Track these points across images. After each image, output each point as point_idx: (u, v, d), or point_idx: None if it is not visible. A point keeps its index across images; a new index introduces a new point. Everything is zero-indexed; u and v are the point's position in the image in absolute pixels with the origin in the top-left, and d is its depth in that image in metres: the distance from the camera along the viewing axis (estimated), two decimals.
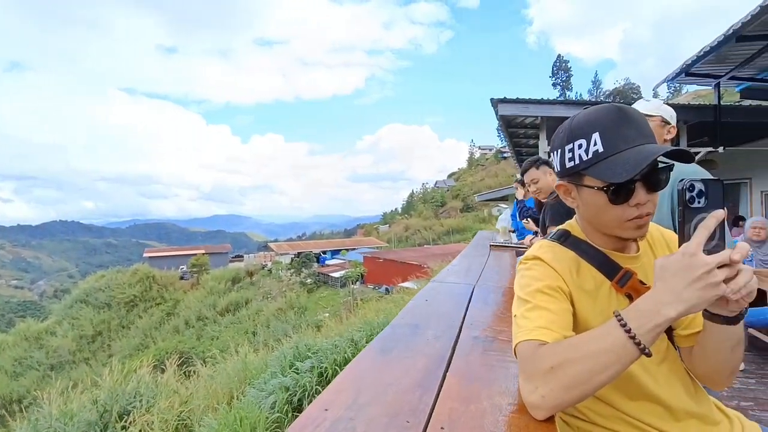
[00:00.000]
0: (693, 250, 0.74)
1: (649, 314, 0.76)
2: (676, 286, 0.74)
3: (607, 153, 0.89)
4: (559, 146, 0.98)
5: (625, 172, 0.85)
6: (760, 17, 5.34)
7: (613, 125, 0.90)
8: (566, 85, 79.40)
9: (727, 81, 7.91)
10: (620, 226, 0.94)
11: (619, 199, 0.91)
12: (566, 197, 1.03)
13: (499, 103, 7.21)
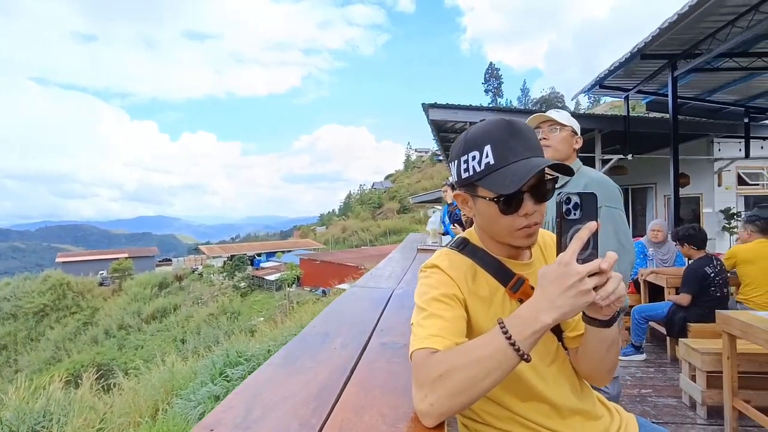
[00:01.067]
0: (567, 259, 0.78)
1: (527, 321, 0.80)
2: (551, 294, 0.79)
3: (498, 165, 0.92)
4: (456, 157, 1.01)
5: (513, 184, 0.89)
6: (659, 38, 5.87)
7: (504, 138, 0.94)
8: (497, 92, 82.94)
9: (635, 94, 8.61)
10: (511, 235, 0.99)
11: (509, 210, 0.95)
12: (464, 206, 1.05)
13: (430, 108, 7.37)
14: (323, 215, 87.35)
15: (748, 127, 9.32)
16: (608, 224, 1.80)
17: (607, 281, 0.81)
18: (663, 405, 3.40)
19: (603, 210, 1.80)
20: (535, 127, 2.03)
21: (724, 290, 3.72)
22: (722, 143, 9.80)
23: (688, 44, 6.13)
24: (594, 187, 1.85)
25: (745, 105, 9.24)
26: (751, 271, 3.84)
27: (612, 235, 1.80)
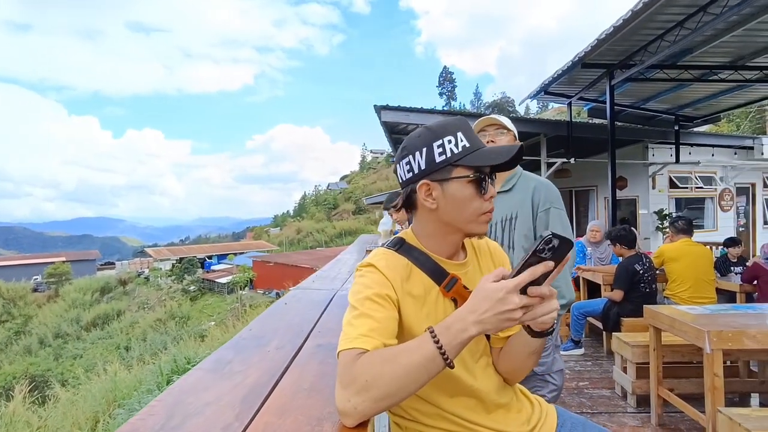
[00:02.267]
0: (510, 288, 0.82)
1: (457, 332, 0.83)
2: (482, 311, 0.82)
3: (473, 148, 1.00)
4: (425, 145, 1.02)
5: (495, 158, 0.98)
6: (598, 48, 6.20)
7: (468, 129, 1.03)
8: (451, 95, 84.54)
9: (577, 101, 9.05)
10: (477, 220, 1.03)
11: (482, 189, 1.01)
12: (426, 198, 1.04)
13: (382, 110, 7.43)
14: (277, 216, 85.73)
15: (678, 134, 10.01)
16: (557, 225, 1.92)
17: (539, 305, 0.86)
18: (598, 396, 3.59)
19: (552, 211, 1.92)
20: (480, 130, 2.09)
21: (653, 286, 3.98)
22: (656, 149, 10.46)
23: (623, 55, 6.51)
24: (542, 189, 1.95)
25: (675, 113, 9.92)
26: (676, 268, 4.12)
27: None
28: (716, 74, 7.14)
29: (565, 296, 1.88)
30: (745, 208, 12.29)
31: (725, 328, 2.52)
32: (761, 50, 6.41)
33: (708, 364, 2.52)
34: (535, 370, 1.95)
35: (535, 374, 1.96)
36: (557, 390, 1.95)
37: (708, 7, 4.88)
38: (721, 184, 11.42)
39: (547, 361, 1.92)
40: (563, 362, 1.99)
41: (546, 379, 1.93)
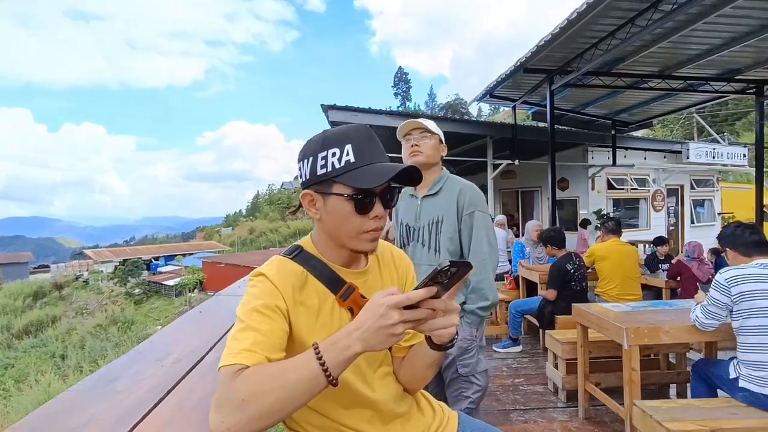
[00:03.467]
0: (390, 303, 0.79)
1: (342, 348, 0.80)
2: (366, 327, 0.80)
3: (358, 164, 0.95)
4: (312, 154, 0.99)
5: (376, 179, 0.93)
6: (537, 54, 6.42)
7: (365, 141, 0.98)
8: (406, 96, 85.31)
9: (522, 104, 9.33)
10: (357, 237, 1.00)
11: (362, 209, 0.97)
12: (310, 208, 1.03)
13: (329, 110, 7.36)
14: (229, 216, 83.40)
15: (614, 138, 10.55)
16: (482, 227, 1.97)
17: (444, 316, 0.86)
18: (532, 392, 3.70)
19: (476, 214, 1.96)
20: (406, 133, 2.09)
21: (583, 284, 4.15)
22: (595, 152, 10.99)
23: (562, 62, 6.77)
24: (467, 193, 1.98)
25: (612, 118, 10.45)
26: (605, 267, 4.32)
27: (484, 237, 1.96)
28: (646, 82, 7.57)
29: (489, 298, 1.91)
30: (675, 209, 13.14)
31: (642, 325, 2.65)
32: (684, 62, 6.85)
33: (626, 359, 2.65)
34: (460, 372, 1.97)
35: (460, 376, 1.98)
36: (481, 390, 1.98)
37: (635, 20, 5.16)
38: (654, 186, 12.15)
39: (472, 362, 1.95)
40: (486, 363, 2.02)
41: (470, 380, 1.96)
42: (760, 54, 6.64)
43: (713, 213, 13.84)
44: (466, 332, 1.95)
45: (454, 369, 1.98)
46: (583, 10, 5.02)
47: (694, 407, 2.32)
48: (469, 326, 1.95)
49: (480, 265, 1.92)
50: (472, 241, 1.94)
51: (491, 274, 1.96)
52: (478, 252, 1.93)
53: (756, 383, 2.23)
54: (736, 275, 2.35)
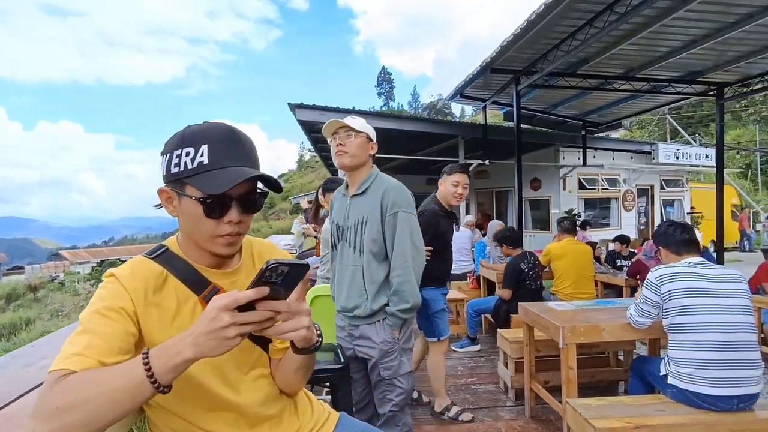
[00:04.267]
0: (220, 305, 0.77)
1: (172, 354, 0.77)
2: (199, 332, 0.77)
3: (211, 166, 0.92)
4: (169, 151, 0.97)
5: (221, 186, 0.90)
6: (503, 55, 6.46)
7: (223, 142, 0.95)
8: (390, 96, 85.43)
9: (492, 104, 9.38)
10: (212, 241, 0.97)
11: (213, 213, 0.94)
12: (168, 205, 1.00)
13: (297, 108, 7.29)
14: None
15: (584, 138, 10.69)
16: (405, 228, 1.93)
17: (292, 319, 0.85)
18: (483, 392, 3.71)
19: (400, 215, 1.93)
20: (332, 133, 2.06)
21: (538, 283, 4.18)
22: (566, 152, 11.12)
23: (527, 62, 6.82)
24: (391, 193, 1.95)
25: (582, 119, 10.58)
26: (561, 266, 4.36)
27: (407, 237, 1.93)
28: (611, 84, 7.68)
29: (409, 301, 1.88)
30: (645, 208, 13.38)
31: (579, 324, 2.67)
32: (647, 63, 6.97)
33: (563, 358, 2.66)
34: (382, 375, 1.95)
35: (383, 379, 1.96)
36: (405, 393, 1.95)
37: (593, 22, 5.22)
38: (624, 186, 12.35)
39: (394, 365, 1.93)
40: (410, 365, 2.00)
41: (393, 383, 1.94)
42: (719, 57, 6.79)
43: (683, 212, 14.13)
44: (388, 335, 1.92)
45: (377, 372, 1.96)
46: (541, 11, 5.06)
47: (623, 405, 2.33)
48: (390, 329, 1.92)
49: (402, 267, 1.89)
50: (395, 242, 1.91)
51: (414, 276, 1.92)
52: (401, 254, 1.90)
53: (682, 380, 2.26)
54: (665, 273, 2.38)
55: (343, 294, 2.06)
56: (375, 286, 1.93)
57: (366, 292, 1.95)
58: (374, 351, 1.93)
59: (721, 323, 2.21)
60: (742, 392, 2.17)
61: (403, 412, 1.96)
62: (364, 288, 1.95)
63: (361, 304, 1.96)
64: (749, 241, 14.94)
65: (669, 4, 5.07)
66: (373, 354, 1.94)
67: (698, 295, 2.27)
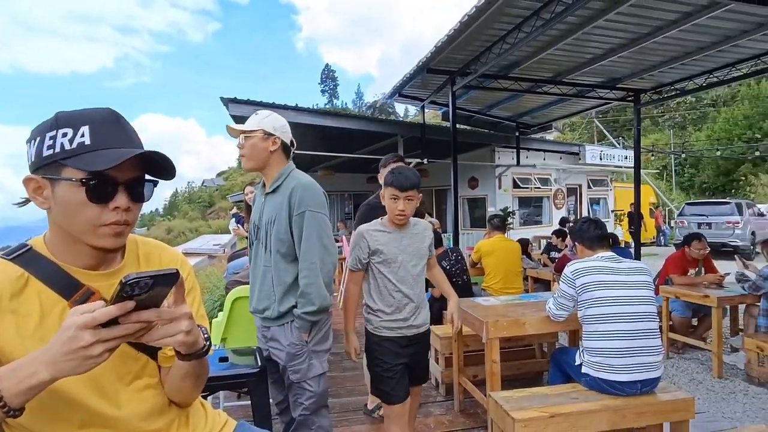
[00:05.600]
0: (79, 323, 0.69)
1: (25, 376, 0.71)
2: (56, 353, 0.70)
3: (94, 146, 0.86)
4: (39, 134, 0.88)
5: (109, 161, 0.84)
6: (438, 55, 6.57)
7: (107, 124, 0.89)
8: (333, 94, 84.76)
9: (430, 104, 9.53)
10: (95, 231, 0.89)
11: (98, 197, 0.87)
12: (36, 197, 0.90)
13: (231, 103, 7.04)
14: (144, 215, 77.85)
15: (518, 139, 11.13)
16: (312, 228, 1.85)
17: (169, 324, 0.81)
18: None
19: (306, 215, 1.84)
20: (237, 137, 1.99)
21: (464, 278, 4.25)
22: (501, 152, 11.53)
23: (462, 63, 6.98)
24: (298, 191, 1.86)
25: (516, 120, 11.01)
26: (490, 262, 4.49)
27: (314, 239, 1.84)
28: (541, 87, 8.04)
29: (315, 303, 1.81)
30: (575, 206, 14.16)
31: (502, 318, 2.75)
32: (573, 69, 7.35)
33: (487, 352, 2.73)
34: (291, 378, 1.89)
35: (293, 383, 1.91)
36: (315, 396, 1.89)
37: (522, 26, 5.43)
38: (555, 185, 13.00)
39: (302, 368, 1.87)
40: (323, 367, 1.95)
41: (303, 386, 1.88)
42: (635, 65, 7.28)
43: (608, 210, 15.10)
44: (295, 337, 1.86)
45: (287, 375, 1.90)
46: (473, 13, 5.20)
47: (541, 395, 2.42)
48: (298, 331, 1.86)
49: (308, 269, 1.82)
50: (303, 243, 1.84)
51: (321, 277, 1.84)
52: (308, 255, 1.83)
53: (594, 368, 2.38)
54: (580, 268, 2.50)
55: (255, 295, 1.99)
56: (282, 287, 1.87)
57: (274, 293, 1.88)
58: (282, 354, 1.88)
59: (627, 314, 2.35)
60: (645, 377, 2.32)
61: (317, 415, 1.91)
62: (272, 289, 1.89)
63: (270, 305, 1.90)
64: (664, 236, 16.22)
65: (590, 13, 5.36)
66: (281, 357, 1.89)
67: (608, 288, 2.40)
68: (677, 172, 26.58)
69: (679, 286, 4.49)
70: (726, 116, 25.11)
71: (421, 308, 2.15)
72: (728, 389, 3.79)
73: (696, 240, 4.84)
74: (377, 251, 2.07)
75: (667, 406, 2.33)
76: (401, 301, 2.07)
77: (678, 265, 4.91)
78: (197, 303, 1.11)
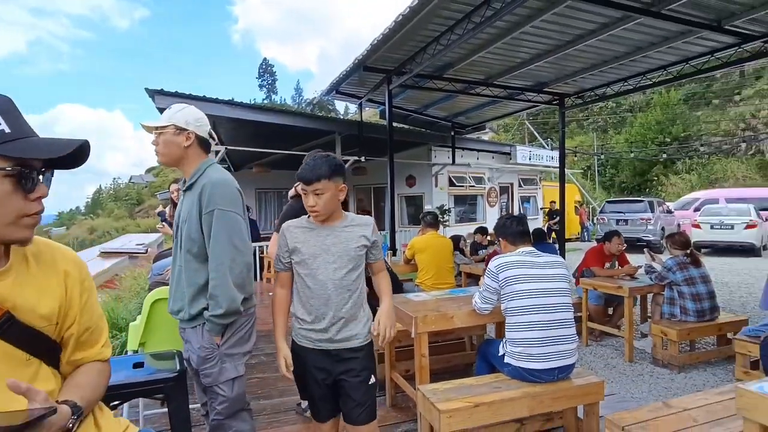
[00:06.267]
0: None
1: None
2: None
3: (16, 135, 0.84)
4: None
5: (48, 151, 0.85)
6: (374, 53, 6.60)
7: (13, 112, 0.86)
8: (272, 89, 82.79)
9: (368, 102, 9.56)
10: (16, 223, 0.86)
11: (26, 186, 0.85)
12: None
13: (156, 95, 6.67)
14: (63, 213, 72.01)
15: (453, 138, 11.44)
16: (221, 227, 1.75)
17: None
18: None
19: (216, 213, 1.75)
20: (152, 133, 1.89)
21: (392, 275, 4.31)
22: (437, 151, 11.80)
23: (398, 62, 7.05)
24: (208, 189, 1.77)
25: (452, 120, 11.30)
26: (424, 258, 4.58)
27: (223, 238, 1.75)
28: (474, 89, 8.31)
29: (222, 306, 1.72)
30: (507, 204, 14.79)
31: (431, 313, 2.80)
32: (504, 71, 7.67)
33: (416, 346, 2.78)
34: (203, 382, 1.83)
35: (206, 387, 1.84)
36: (228, 401, 1.82)
37: (454, 29, 5.58)
38: (489, 184, 13.50)
39: (214, 371, 1.80)
40: (239, 371, 1.86)
41: (215, 390, 1.82)
42: (560, 70, 7.72)
43: (537, 208, 15.92)
44: (206, 341, 1.79)
45: (200, 379, 1.84)
46: (407, 13, 5.28)
47: (466, 386, 2.50)
48: (209, 334, 1.79)
49: (217, 270, 1.74)
50: (211, 242, 1.75)
51: (230, 279, 1.73)
52: (217, 255, 1.74)
53: (515, 358, 2.49)
54: (503, 262, 2.61)
55: (171, 296, 1.91)
56: (194, 288, 1.79)
57: (186, 294, 1.81)
58: (194, 356, 1.81)
59: (545, 305, 2.48)
60: (561, 364, 2.46)
61: (234, 419, 1.84)
62: (184, 290, 1.81)
63: (183, 307, 1.82)
64: (587, 232, 17.36)
65: (517, 20, 5.61)
66: (193, 359, 1.82)
67: (528, 281, 2.52)
68: (600, 173, 28.58)
69: (598, 278, 4.83)
70: (641, 121, 27.34)
71: (347, 321, 1.80)
72: (637, 371, 4.12)
73: (615, 236, 5.26)
74: (295, 249, 1.81)
75: (580, 390, 2.49)
76: (319, 309, 1.78)
77: (596, 258, 5.29)
78: (90, 304, 1.08)
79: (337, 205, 1.82)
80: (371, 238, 1.89)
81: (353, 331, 1.82)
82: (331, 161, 1.80)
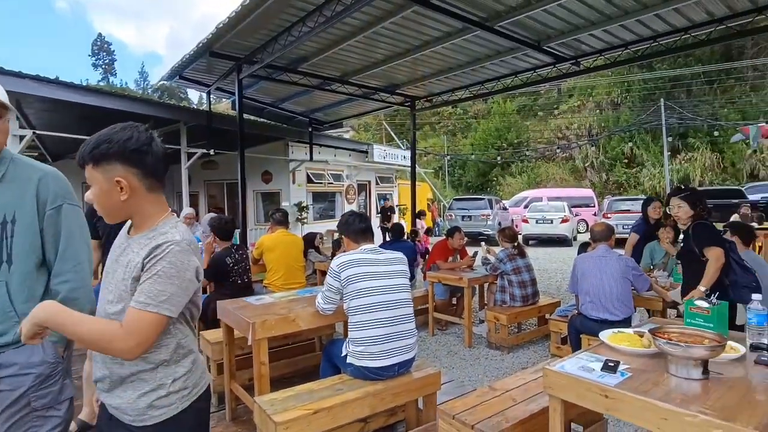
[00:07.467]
0: None
1: None
2: None
3: None
4: None
5: None
6: (221, 38, 6.10)
7: None
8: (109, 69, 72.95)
9: (217, 91, 8.87)
10: None
11: None
12: None
13: None
14: None
15: (311, 135, 11.28)
16: (74, 225, 1.55)
17: None
18: None
19: (65, 208, 1.53)
20: None
21: (244, 277, 4.04)
22: (295, 147, 11.51)
23: (248, 50, 6.64)
24: (52, 182, 1.53)
25: (309, 116, 11.12)
26: (272, 258, 4.35)
27: (78, 237, 1.55)
28: (330, 85, 8.26)
29: (85, 309, 1.46)
30: (365, 201, 15.15)
31: (270, 317, 2.62)
32: (360, 70, 7.74)
33: (255, 354, 2.57)
34: (33, 405, 1.44)
35: (32, 411, 1.44)
36: (63, 422, 1.51)
37: (306, 20, 5.42)
38: (347, 181, 13.65)
39: (54, 390, 1.48)
40: (74, 389, 1.59)
41: (46, 414, 1.47)
42: (411, 73, 8.07)
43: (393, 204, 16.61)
44: (50, 354, 1.46)
45: (22, 404, 1.43)
46: None
47: (307, 392, 2.38)
48: (55, 346, 1.48)
49: (75, 271, 1.52)
50: (62, 242, 1.51)
51: (90, 280, 1.58)
52: (74, 255, 1.52)
53: (357, 357, 2.44)
54: (345, 261, 2.54)
55: None
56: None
57: (16, 312, 1.43)
58: (27, 378, 1.42)
59: (385, 302, 2.48)
60: (401, 359, 2.49)
61: None
62: (12, 308, 1.43)
63: (8, 329, 1.42)
64: (438, 228, 18.71)
65: (369, 19, 5.68)
66: (25, 382, 1.42)
67: (370, 279, 2.49)
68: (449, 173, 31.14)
69: (442, 271, 5.14)
70: (483, 127, 30.48)
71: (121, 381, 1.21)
72: (475, 356, 4.47)
73: (457, 232, 5.69)
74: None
75: (419, 383, 2.56)
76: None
77: (441, 252, 5.66)
78: None
79: (122, 206, 1.21)
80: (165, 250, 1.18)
81: (123, 394, 1.24)
82: (99, 138, 1.18)
